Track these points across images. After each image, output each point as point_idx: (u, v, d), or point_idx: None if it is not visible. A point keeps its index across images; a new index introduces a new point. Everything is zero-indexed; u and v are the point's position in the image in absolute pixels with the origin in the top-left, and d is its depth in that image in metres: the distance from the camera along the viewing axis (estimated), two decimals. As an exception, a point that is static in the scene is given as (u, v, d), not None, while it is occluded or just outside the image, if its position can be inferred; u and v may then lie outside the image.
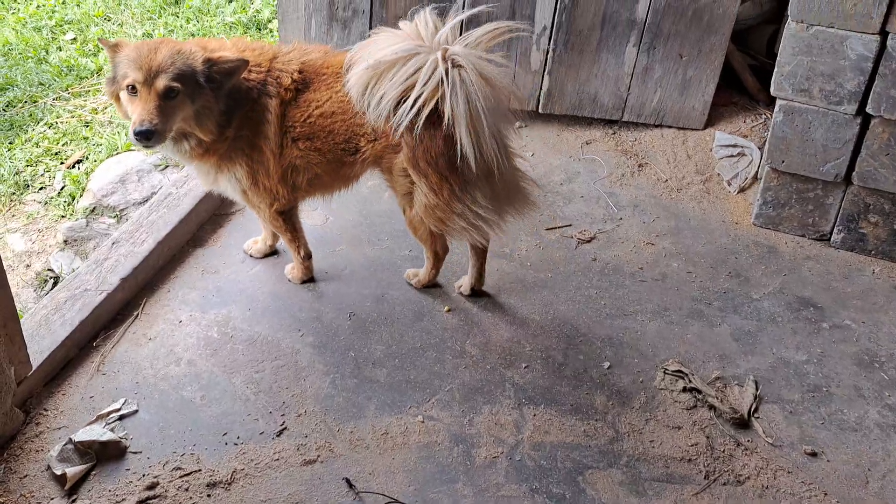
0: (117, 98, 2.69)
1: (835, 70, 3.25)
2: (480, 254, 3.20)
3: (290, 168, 2.89)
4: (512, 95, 2.72)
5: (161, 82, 2.54)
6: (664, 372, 2.98)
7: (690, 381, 2.92)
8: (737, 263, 3.50)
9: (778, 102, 3.46)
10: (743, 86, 4.32)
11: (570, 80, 4.03)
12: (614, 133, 4.20)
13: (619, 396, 2.89)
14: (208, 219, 3.58)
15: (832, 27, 3.20)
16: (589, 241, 3.57)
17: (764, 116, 4.19)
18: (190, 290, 3.23)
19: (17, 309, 2.60)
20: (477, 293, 3.28)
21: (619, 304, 3.27)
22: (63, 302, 2.95)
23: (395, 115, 2.61)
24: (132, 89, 2.58)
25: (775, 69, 3.41)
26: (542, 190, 3.78)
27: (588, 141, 4.16)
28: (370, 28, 3.98)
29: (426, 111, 2.57)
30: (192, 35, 5.32)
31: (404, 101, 2.59)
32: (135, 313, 3.10)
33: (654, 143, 4.13)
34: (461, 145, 2.61)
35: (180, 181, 3.59)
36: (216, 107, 2.69)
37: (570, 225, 3.65)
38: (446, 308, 3.22)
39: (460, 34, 2.67)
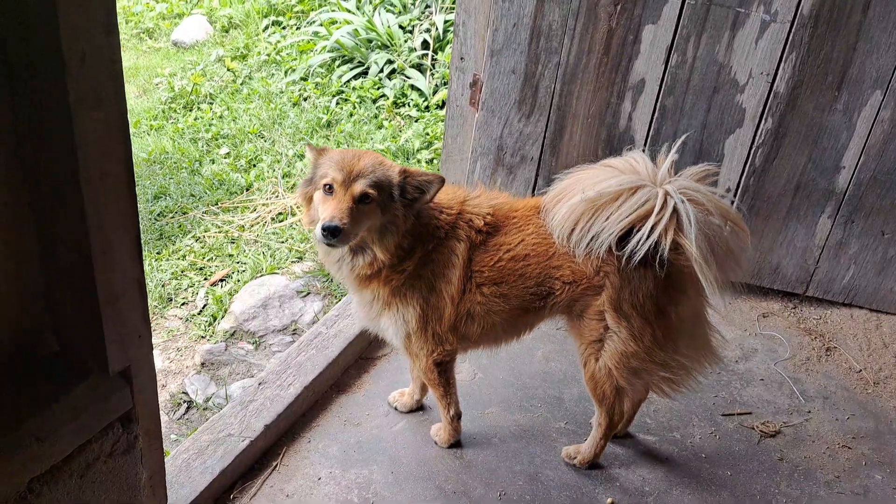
0: (309, 200, 2.59)
1: None
2: (640, 403, 3.04)
3: (466, 315, 2.68)
4: (745, 236, 2.56)
5: (359, 186, 2.43)
6: None
7: None
8: (955, 484, 2.99)
9: None
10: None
11: (751, 247, 3.70)
12: (795, 308, 3.81)
13: None
14: (353, 362, 3.38)
15: None
16: (773, 436, 3.14)
17: (974, 306, 3.73)
18: (331, 443, 2.99)
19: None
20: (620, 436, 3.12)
21: (814, 521, 2.81)
22: (206, 446, 2.75)
23: (617, 248, 2.46)
24: (329, 189, 2.47)
25: None
26: (715, 368, 3.41)
27: (765, 314, 3.78)
28: (536, 175, 3.81)
29: (667, 242, 2.39)
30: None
31: (627, 237, 2.44)
32: (274, 464, 2.87)
33: (842, 325, 3.71)
34: (703, 279, 2.42)
35: (331, 320, 3.41)
36: (403, 225, 2.52)
37: (751, 413, 3.24)
38: (609, 500, 2.84)
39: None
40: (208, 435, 2.80)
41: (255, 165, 5.27)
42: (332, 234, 2.38)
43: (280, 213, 4.77)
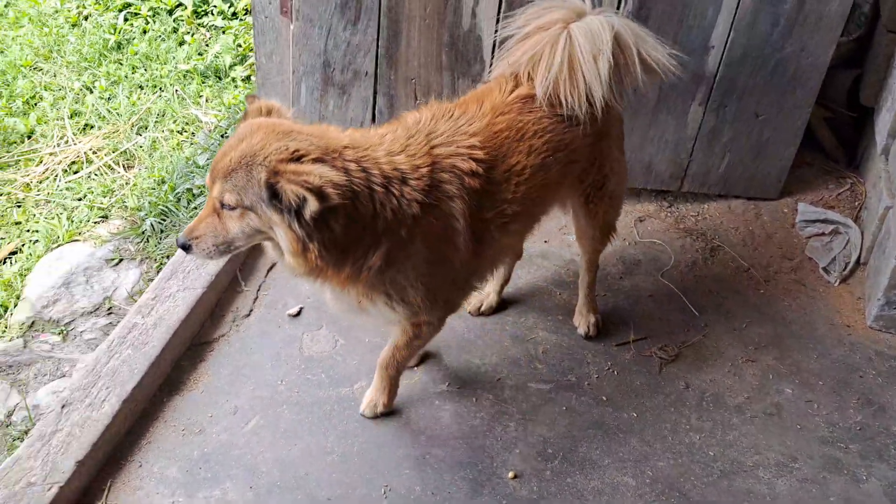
0: None
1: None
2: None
3: (490, 260, 2.39)
4: None
5: (217, 190, 2.00)
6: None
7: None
8: (864, 385, 2.80)
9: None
10: (817, 143, 3.66)
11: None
12: (670, 206, 3.50)
13: None
14: (184, 352, 2.76)
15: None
16: (674, 360, 2.85)
17: (850, 182, 3.53)
18: (169, 463, 2.43)
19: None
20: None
21: (732, 455, 2.55)
22: (-5, 510, 2.12)
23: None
24: None
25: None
26: (600, 287, 3.07)
27: (641, 217, 3.45)
28: (375, 92, 3.21)
29: None
30: (141, 87, 4.48)
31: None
32: (96, 507, 2.28)
33: (721, 219, 3.43)
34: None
35: (146, 306, 2.75)
36: (294, 243, 1.94)
37: (646, 337, 2.93)
38: (511, 473, 2.46)
39: None
40: (1, 490, 2.15)
41: (34, 106, 4.39)
42: (184, 250, 2.06)
43: (73, 163, 3.97)
